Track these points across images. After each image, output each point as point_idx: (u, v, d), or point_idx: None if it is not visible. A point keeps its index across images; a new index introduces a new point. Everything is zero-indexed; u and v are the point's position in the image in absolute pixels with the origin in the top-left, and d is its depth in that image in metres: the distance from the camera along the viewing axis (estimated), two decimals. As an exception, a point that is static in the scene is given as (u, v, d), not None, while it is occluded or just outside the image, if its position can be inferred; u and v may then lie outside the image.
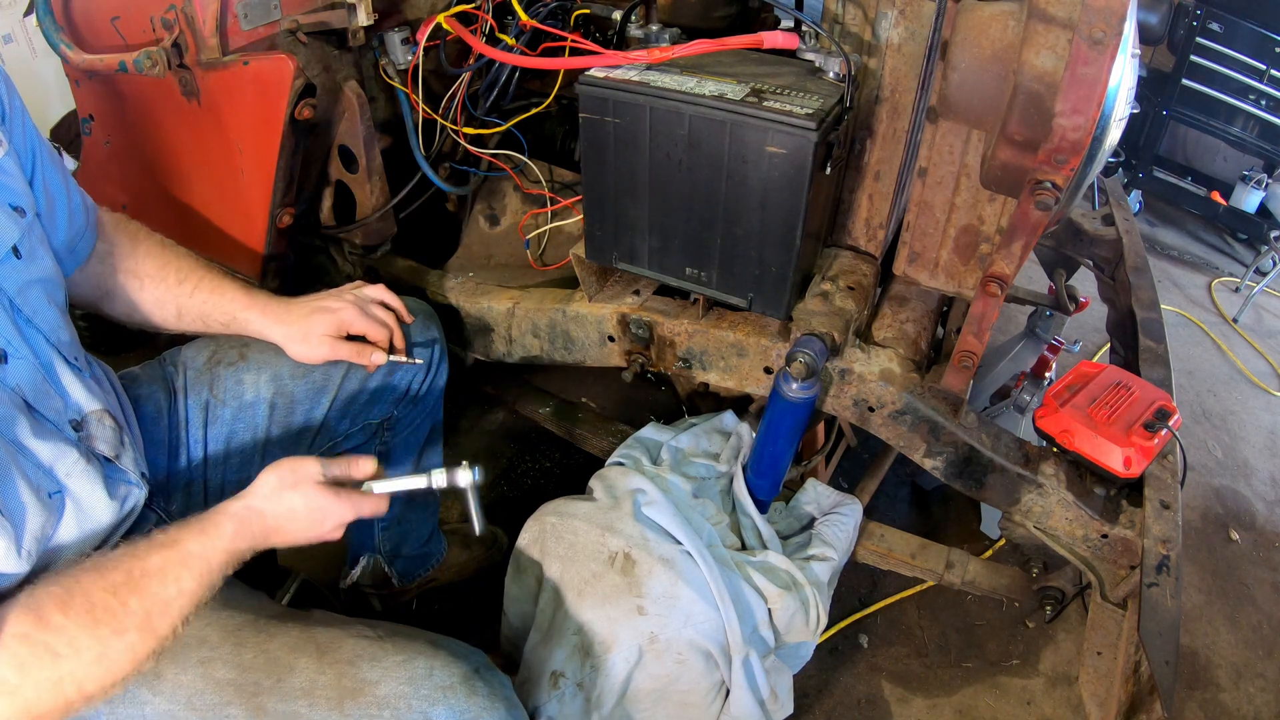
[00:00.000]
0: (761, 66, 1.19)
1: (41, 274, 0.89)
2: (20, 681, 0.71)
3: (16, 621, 0.72)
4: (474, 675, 0.88)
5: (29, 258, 0.87)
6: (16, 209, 0.87)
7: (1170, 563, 1.13)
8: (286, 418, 1.19)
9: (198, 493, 1.15)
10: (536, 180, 1.64)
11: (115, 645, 0.75)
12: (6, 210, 0.85)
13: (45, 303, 0.89)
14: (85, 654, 0.74)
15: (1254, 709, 1.68)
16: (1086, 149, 0.91)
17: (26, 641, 0.72)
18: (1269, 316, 3.06)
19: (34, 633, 0.72)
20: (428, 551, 1.62)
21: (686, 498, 1.32)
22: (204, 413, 1.14)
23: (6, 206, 0.85)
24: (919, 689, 1.66)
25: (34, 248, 0.89)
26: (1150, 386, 1.29)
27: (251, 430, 1.16)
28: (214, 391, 1.15)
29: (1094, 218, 1.90)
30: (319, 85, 1.36)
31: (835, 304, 1.23)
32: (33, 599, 0.74)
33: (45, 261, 0.91)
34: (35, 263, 0.88)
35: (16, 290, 0.85)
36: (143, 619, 0.77)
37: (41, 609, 0.73)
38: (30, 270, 0.87)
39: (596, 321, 1.40)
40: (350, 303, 1.17)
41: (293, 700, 0.84)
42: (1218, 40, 2.99)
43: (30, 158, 0.93)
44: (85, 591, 0.75)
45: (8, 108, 0.90)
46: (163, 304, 1.11)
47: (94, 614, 0.75)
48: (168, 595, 0.80)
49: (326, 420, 1.22)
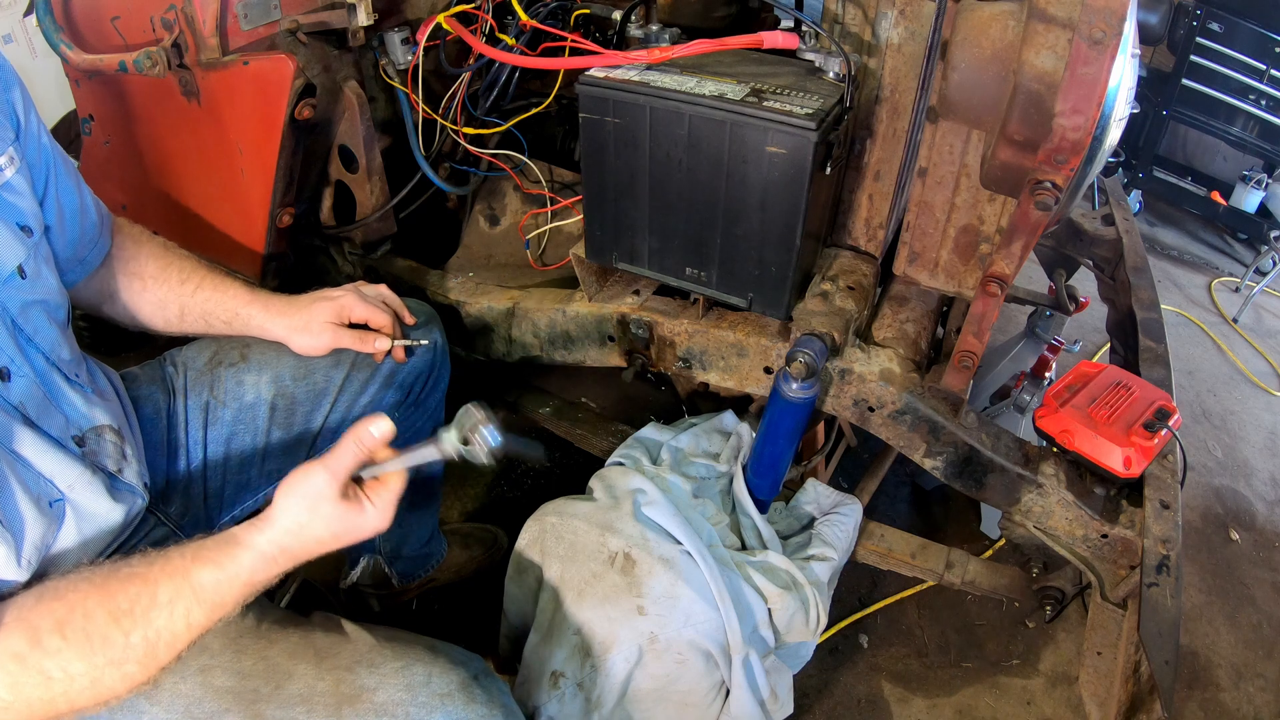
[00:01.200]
0: (761, 66, 1.19)
1: (44, 294, 0.89)
2: (13, 699, 0.71)
3: (11, 639, 0.71)
4: (472, 682, 0.87)
5: (33, 278, 0.86)
6: (24, 228, 0.86)
7: (1170, 563, 1.13)
8: (287, 420, 1.18)
9: (197, 495, 1.14)
10: (536, 180, 1.64)
11: (110, 674, 0.74)
12: (14, 229, 0.85)
13: (46, 322, 0.89)
14: (79, 680, 0.73)
15: (1254, 709, 1.68)
16: (1086, 149, 0.91)
17: (20, 662, 0.71)
18: (1269, 316, 3.07)
19: (28, 653, 0.71)
20: (428, 552, 1.62)
21: (686, 498, 1.32)
22: (204, 414, 1.14)
23: (14, 226, 0.85)
24: (919, 689, 1.66)
25: (39, 267, 0.88)
26: (1150, 386, 1.29)
27: (252, 432, 1.16)
28: (214, 392, 1.14)
29: (1094, 218, 1.90)
30: (319, 85, 1.36)
31: (835, 304, 1.23)
32: (32, 615, 0.73)
33: (49, 281, 0.90)
34: (39, 283, 0.88)
35: (19, 309, 0.84)
36: (145, 652, 0.76)
37: (39, 630, 0.72)
38: (34, 290, 0.87)
39: (596, 321, 1.40)
40: (350, 290, 1.17)
41: (291, 707, 0.84)
42: (1218, 40, 2.99)
43: (44, 174, 0.93)
44: (87, 614, 0.74)
45: (23, 123, 0.90)
46: (165, 304, 1.11)
47: (91, 643, 0.73)
48: (175, 630, 0.78)
49: (327, 423, 1.21)
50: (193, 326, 1.13)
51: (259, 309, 1.13)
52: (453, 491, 1.96)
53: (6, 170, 0.85)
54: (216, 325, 1.13)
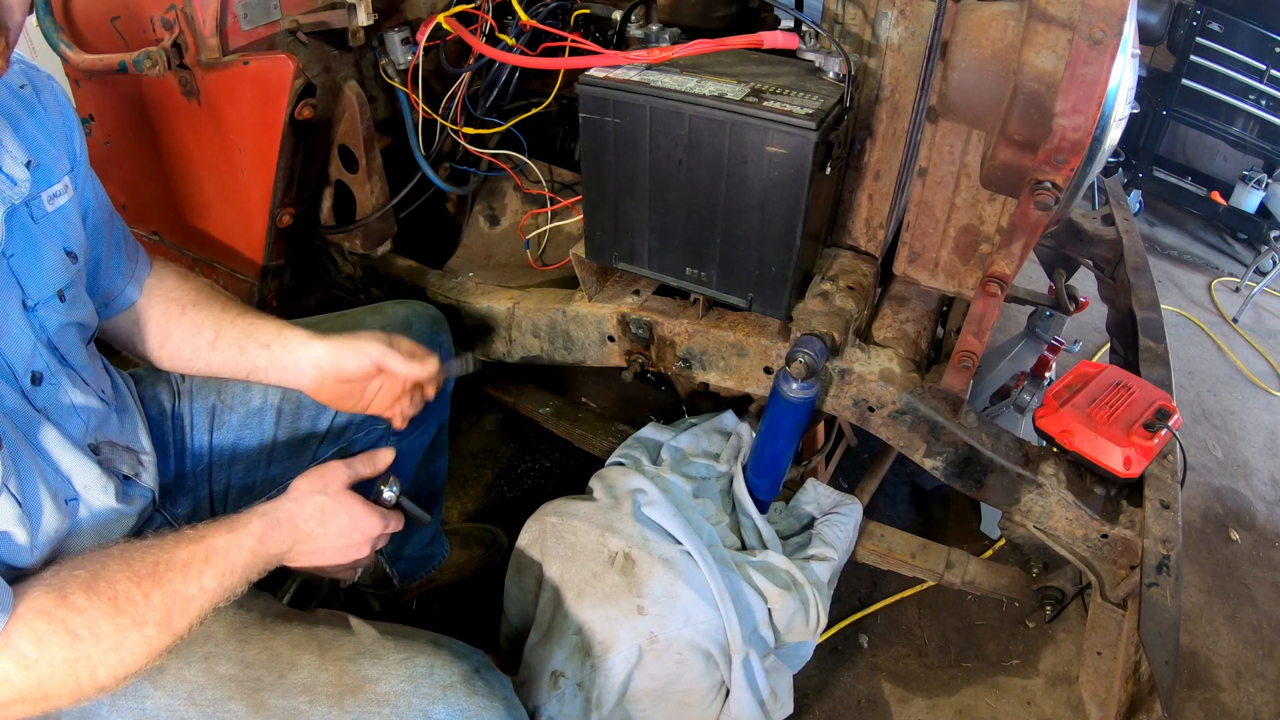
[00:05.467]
0: (761, 66, 1.19)
1: (80, 319, 0.92)
2: (37, 656, 0.71)
3: (39, 598, 0.72)
4: (474, 675, 0.88)
5: (72, 302, 0.89)
6: (70, 254, 0.89)
7: (1170, 563, 1.13)
8: (294, 424, 1.18)
9: (203, 496, 1.15)
10: (536, 180, 1.64)
11: (133, 636, 0.76)
12: (61, 254, 0.88)
13: (78, 344, 0.92)
14: (104, 640, 0.74)
15: (1254, 709, 1.68)
16: (1086, 149, 0.91)
17: (47, 618, 0.72)
18: (1269, 316, 3.07)
19: (55, 610, 0.72)
20: (430, 554, 1.62)
21: (686, 498, 1.32)
22: (210, 418, 1.14)
23: (61, 251, 0.88)
24: (919, 689, 1.66)
25: (78, 294, 0.91)
26: (1150, 386, 1.29)
27: (258, 436, 1.16)
28: (221, 397, 1.14)
29: (1094, 218, 1.90)
30: (319, 85, 1.36)
31: (835, 304, 1.23)
32: (56, 578, 0.74)
33: (86, 308, 0.93)
34: (77, 308, 0.91)
35: (56, 330, 0.87)
36: (163, 614, 0.78)
37: (65, 588, 0.74)
38: (71, 314, 0.89)
39: (596, 321, 1.40)
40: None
41: (294, 696, 0.85)
42: (1218, 40, 2.99)
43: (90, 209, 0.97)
44: (110, 578, 0.76)
45: (79, 156, 0.94)
46: (200, 328, 1.08)
47: (116, 602, 0.75)
48: (189, 593, 0.80)
49: (333, 426, 1.21)
50: (223, 352, 1.08)
51: (302, 330, 1.10)
52: (453, 492, 1.96)
53: (60, 197, 0.88)
54: (250, 348, 1.08)
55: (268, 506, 0.90)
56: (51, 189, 0.87)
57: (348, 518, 0.94)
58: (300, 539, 0.90)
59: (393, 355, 1.08)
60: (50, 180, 0.87)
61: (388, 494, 1.02)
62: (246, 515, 0.87)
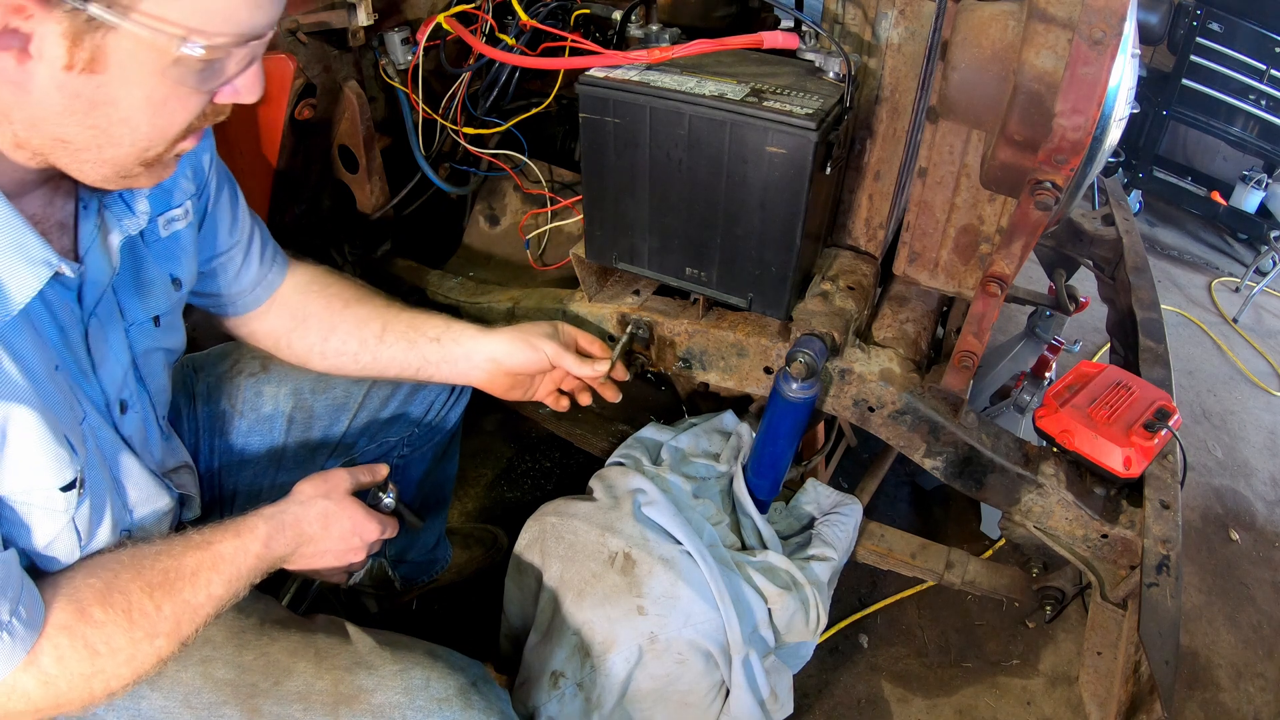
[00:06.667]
0: (761, 66, 1.19)
1: (170, 344, 0.92)
2: (58, 673, 0.72)
3: (60, 612, 0.73)
4: (471, 688, 0.88)
5: (165, 328, 0.90)
6: (175, 280, 0.89)
7: (1170, 563, 1.13)
8: (304, 432, 1.18)
9: (211, 501, 1.15)
10: (536, 180, 1.64)
11: (145, 648, 0.76)
12: (166, 281, 0.88)
13: (161, 368, 0.92)
14: (119, 654, 0.74)
15: (1254, 709, 1.68)
16: (1086, 149, 0.91)
17: (69, 634, 0.72)
18: (1269, 316, 3.07)
19: (76, 625, 0.73)
20: (433, 559, 1.61)
21: (686, 498, 1.31)
22: (220, 422, 1.14)
23: (167, 277, 0.88)
24: (919, 689, 1.66)
25: (174, 320, 0.92)
26: (1150, 386, 1.29)
27: (268, 442, 1.16)
28: (231, 401, 1.14)
29: (1094, 218, 1.90)
30: (319, 85, 1.36)
31: (835, 304, 1.23)
32: (74, 590, 0.75)
33: (178, 335, 0.94)
34: (169, 334, 0.91)
35: (143, 352, 0.87)
36: (173, 625, 0.78)
37: (83, 602, 0.74)
38: (161, 340, 0.90)
39: (596, 321, 1.40)
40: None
41: (288, 704, 0.84)
42: (1218, 40, 3.00)
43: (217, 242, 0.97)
44: (124, 590, 0.76)
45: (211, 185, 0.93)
46: (366, 321, 1.08)
47: (130, 615, 0.75)
48: (198, 601, 0.80)
49: (344, 438, 1.21)
50: (392, 347, 1.08)
51: (470, 324, 1.10)
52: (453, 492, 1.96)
53: (178, 222, 0.88)
54: (419, 341, 1.08)
55: (272, 509, 0.90)
56: (170, 213, 0.86)
57: (349, 523, 0.95)
58: (304, 542, 0.91)
59: (567, 356, 1.10)
60: (169, 204, 0.86)
61: (386, 500, 1.03)
62: (252, 519, 0.88)
